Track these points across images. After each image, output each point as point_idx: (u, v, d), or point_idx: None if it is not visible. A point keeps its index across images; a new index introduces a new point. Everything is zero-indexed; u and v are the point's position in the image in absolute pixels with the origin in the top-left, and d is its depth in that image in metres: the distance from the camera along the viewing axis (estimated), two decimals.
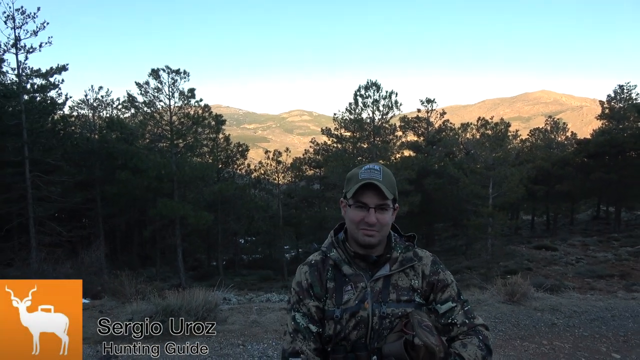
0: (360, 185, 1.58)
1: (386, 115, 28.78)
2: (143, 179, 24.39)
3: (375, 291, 1.60)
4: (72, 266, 16.49)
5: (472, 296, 8.25)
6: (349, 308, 1.58)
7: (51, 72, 22.29)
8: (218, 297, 7.31)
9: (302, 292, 1.64)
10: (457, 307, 1.65)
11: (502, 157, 26.54)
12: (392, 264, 1.65)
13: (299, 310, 1.63)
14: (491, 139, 26.96)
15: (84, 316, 6.75)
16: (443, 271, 1.71)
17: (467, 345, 1.56)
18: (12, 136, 20.72)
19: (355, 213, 1.60)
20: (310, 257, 1.73)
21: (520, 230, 40.46)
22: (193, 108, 27.63)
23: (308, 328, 1.60)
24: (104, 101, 32.68)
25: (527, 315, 7.06)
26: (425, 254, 1.74)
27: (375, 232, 1.59)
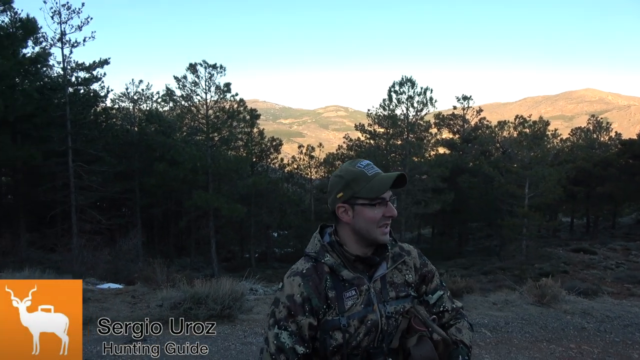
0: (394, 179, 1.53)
1: (420, 111, 28.49)
2: (179, 170, 25.00)
3: (377, 291, 1.54)
4: (110, 253, 17.09)
5: (499, 297, 8.13)
6: (355, 314, 1.48)
7: (94, 65, 23.08)
8: (245, 287, 7.47)
9: (295, 307, 1.46)
10: (444, 294, 1.67)
11: (539, 156, 25.85)
12: (387, 262, 1.60)
13: (286, 328, 1.45)
14: (529, 138, 26.29)
15: (117, 301, 7.03)
16: (428, 262, 1.71)
17: (462, 330, 1.63)
18: (57, 127, 21.61)
19: (375, 211, 1.51)
20: (297, 266, 1.56)
21: (558, 232, 39.31)
22: (229, 102, 28.07)
23: (293, 349, 1.44)
24: (144, 94, 33.59)
25: (556, 317, 6.90)
26: (410, 247, 1.70)
27: (389, 227, 1.56)
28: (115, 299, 7.23)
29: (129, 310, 6.56)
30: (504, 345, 5.83)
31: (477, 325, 6.43)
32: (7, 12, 19.72)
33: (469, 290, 8.07)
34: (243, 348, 5.32)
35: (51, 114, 21.34)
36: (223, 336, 5.67)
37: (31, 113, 20.57)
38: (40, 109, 20.94)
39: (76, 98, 22.67)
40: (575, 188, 32.10)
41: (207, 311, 6.03)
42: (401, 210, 26.65)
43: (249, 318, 6.33)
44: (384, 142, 30.33)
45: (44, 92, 21.38)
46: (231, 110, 27.82)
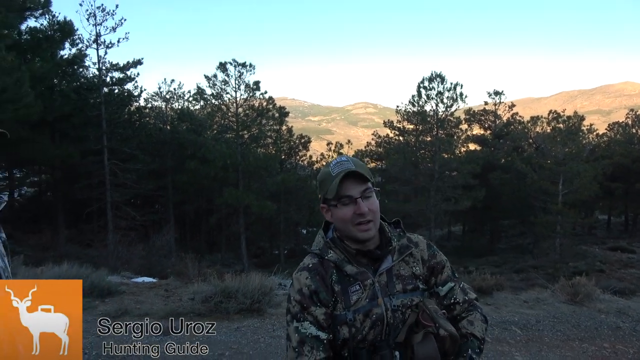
0: (340, 177, 1.48)
1: (450, 107, 28.07)
2: (210, 168, 25.42)
3: (382, 285, 1.53)
4: (144, 248, 17.57)
5: (531, 295, 8.00)
6: (360, 308, 1.49)
7: (128, 66, 23.67)
8: (274, 282, 7.57)
9: (305, 300, 1.50)
10: (456, 286, 1.64)
11: (574, 152, 25.17)
12: (392, 255, 1.58)
13: (304, 319, 1.49)
14: (563, 133, 25.60)
15: (151, 294, 7.24)
16: (438, 252, 1.67)
17: (474, 322, 1.59)
18: (93, 126, 22.29)
19: (344, 210, 1.50)
20: (304, 263, 1.59)
21: (594, 230, 38.17)
22: (258, 100, 28.36)
23: (317, 337, 1.46)
24: (176, 93, 34.19)
25: (589, 316, 6.74)
26: (419, 238, 1.68)
27: (371, 224, 1.51)
28: (150, 292, 7.45)
29: (162, 303, 6.76)
30: (534, 343, 5.74)
31: (507, 323, 6.35)
32: (46, 15, 20.44)
33: (499, 288, 7.97)
34: (272, 341, 5.42)
35: (87, 113, 22.02)
36: (252, 329, 5.78)
37: (69, 113, 21.29)
38: (77, 109, 21.64)
39: (111, 98, 23.32)
40: (613, 184, 31.09)
41: (237, 305, 6.16)
42: (430, 207, 26.39)
43: (278, 312, 6.42)
44: (414, 139, 30.05)
45: (81, 93, 22.07)
46: (260, 108, 28.09)
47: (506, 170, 30.88)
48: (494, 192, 30.89)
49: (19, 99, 14.85)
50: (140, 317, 6.07)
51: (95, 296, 6.95)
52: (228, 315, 6.13)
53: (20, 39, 19.58)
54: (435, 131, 28.55)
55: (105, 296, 6.99)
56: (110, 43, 22.43)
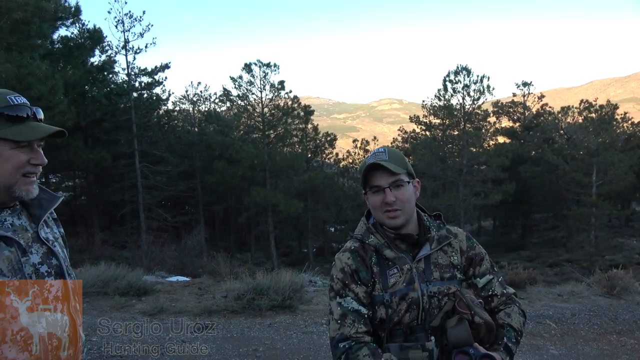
0: (366, 169, 1.60)
1: (477, 100, 27.64)
2: (238, 168, 25.73)
3: (420, 271, 1.60)
4: (176, 249, 17.91)
5: (565, 288, 7.85)
6: (397, 291, 1.56)
7: (156, 70, 24.13)
8: (304, 279, 7.66)
9: (347, 277, 1.59)
10: (494, 279, 1.68)
11: (608, 142, 24.45)
12: (431, 243, 1.64)
13: (345, 295, 1.58)
14: (595, 123, 24.91)
15: (185, 292, 7.41)
16: (477, 245, 1.72)
17: (511, 315, 1.63)
18: (123, 130, 22.84)
19: (374, 198, 1.61)
20: (346, 245, 1.69)
21: (631, 222, 36.97)
22: (283, 100, 28.55)
23: (358, 311, 1.55)
24: (203, 96, 34.77)
25: (627, 309, 6.59)
26: (458, 230, 1.74)
27: (398, 212, 1.58)
28: (184, 291, 7.63)
29: (196, 301, 6.91)
30: (570, 336, 5.66)
31: (542, 316, 6.27)
32: (76, 24, 21.06)
33: (532, 282, 7.84)
34: (304, 337, 5.49)
35: (118, 118, 22.58)
36: (285, 325, 5.87)
37: (100, 118, 21.87)
38: (108, 114, 22.21)
39: (140, 102, 23.83)
40: None
41: (269, 302, 6.26)
42: (459, 202, 26.04)
43: (309, 309, 6.50)
44: (440, 133, 29.72)
45: (111, 98, 22.64)
46: (286, 108, 28.26)
47: (537, 163, 30.25)
48: (525, 185, 30.28)
49: (54, 106, 15.33)
50: (176, 314, 6.24)
51: (132, 295, 7.15)
52: (260, 312, 6.23)
53: (53, 48, 20.21)
54: (463, 125, 28.16)
55: (141, 295, 7.19)
56: (139, 49, 22.96)
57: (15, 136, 1.31)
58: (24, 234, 1.37)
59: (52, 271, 1.40)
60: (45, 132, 1.37)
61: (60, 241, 1.54)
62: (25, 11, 12.37)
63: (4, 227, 1.34)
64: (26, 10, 12.38)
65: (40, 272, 1.36)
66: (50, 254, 1.42)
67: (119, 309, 6.53)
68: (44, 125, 1.40)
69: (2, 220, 1.35)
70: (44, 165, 1.41)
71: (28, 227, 1.41)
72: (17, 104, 1.34)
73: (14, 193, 1.34)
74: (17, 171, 1.33)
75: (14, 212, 1.39)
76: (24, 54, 13.92)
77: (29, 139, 1.34)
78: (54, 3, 15.99)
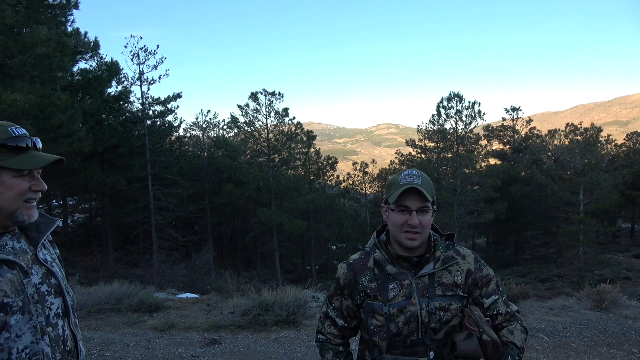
0: (403, 190, 1.58)
1: (470, 125, 27.77)
2: (245, 190, 25.77)
3: (421, 287, 1.61)
4: (186, 267, 17.82)
5: (557, 303, 7.76)
6: (396, 304, 1.59)
7: (169, 100, 24.36)
8: (308, 295, 7.58)
9: (338, 288, 1.76)
10: (499, 299, 1.68)
11: (593, 163, 24.43)
12: (435, 263, 1.65)
13: (332, 303, 1.79)
14: (581, 145, 24.96)
15: (194, 309, 7.33)
16: (485, 267, 1.72)
17: (514, 332, 1.63)
18: (138, 156, 22.98)
19: (399, 217, 1.60)
20: (352, 257, 1.78)
21: (618, 238, 36.72)
22: (287, 126, 28.72)
23: (335, 321, 1.78)
24: (212, 123, 35.04)
25: (616, 322, 6.50)
26: (467, 252, 1.74)
27: (417, 235, 1.59)
28: (193, 307, 7.56)
29: (205, 317, 6.85)
30: (562, 350, 5.57)
31: (534, 330, 6.19)
32: (95, 57, 21.36)
33: (525, 296, 7.77)
34: (308, 351, 5.42)
35: (133, 144, 22.76)
36: (289, 340, 5.80)
37: (116, 144, 22.04)
38: (123, 141, 22.39)
39: (154, 129, 24.01)
40: (635, 193, 30.00)
41: (274, 317, 6.20)
42: (454, 220, 25.94)
43: (313, 324, 6.42)
44: (435, 156, 29.79)
45: (127, 126, 22.84)
46: (290, 133, 28.44)
47: (527, 183, 30.24)
48: (516, 204, 30.19)
49: (73, 134, 15.48)
50: (186, 330, 6.18)
51: (144, 312, 7.09)
52: (266, 327, 6.17)
53: (73, 80, 20.47)
54: (456, 148, 28.25)
55: (153, 311, 7.13)
56: (153, 80, 23.21)
57: (17, 165, 1.34)
58: (24, 257, 1.40)
59: (52, 290, 1.42)
60: (46, 161, 1.40)
61: (58, 262, 1.56)
62: (48, 47, 12.56)
63: (5, 251, 1.36)
64: (49, 45, 12.56)
65: (41, 292, 1.38)
66: (50, 274, 1.44)
67: (132, 325, 6.47)
68: (44, 154, 1.43)
69: (3, 244, 1.37)
70: (44, 191, 1.43)
71: (28, 249, 1.43)
72: (18, 136, 1.36)
73: (16, 218, 1.37)
74: (20, 198, 1.35)
75: (14, 236, 1.42)
76: (46, 85, 14.10)
77: (31, 167, 1.36)
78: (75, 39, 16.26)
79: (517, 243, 35.17)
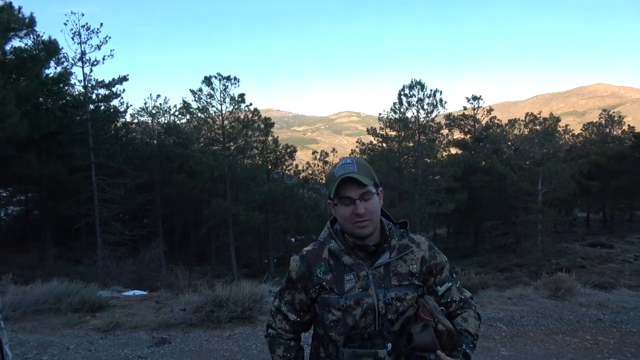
0: (338, 182, 1.60)
1: (431, 113, 28.38)
2: (198, 180, 25.33)
3: (377, 278, 1.62)
4: (134, 263, 17.37)
5: (515, 292, 8.08)
6: (352, 296, 1.60)
7: (113, 82, 23.50)
8: (264, 290, 7.55)
9: (291, 282, 1.73)
10: (453, 285, 1.72)
11: (551, 152, 25.63)
12: (391, 252, 1.67)
13: (283, 297, 1.76)
14: (540, 135, 26.07)
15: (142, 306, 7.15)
16: (439, 254, 1.75)
17: (468, 319, 1.68)
18: (79, 143, 22.06)
19: (344, 209, 1.62)
20: (305, 248, 1.77)
21: (574, 227, 38.68)
22: (243, 112, 28.40)
23: (286, 316, 1.75)
24: (162, 108, 34.03)
25: (571, 310, 6.84)
26: (421, 239, 1.76)
27: (367, 222, 1.61)
28: (141, 305, 7.39)
29: (154, 314, 6.70)
30: (519, 338, 5.81)
31: (493, 319, 6.42)
32: (30, 35, 20.24)
33: (484, 286, 8.05)
34: (264, 348, 5.40)
35: (74, 131, 21.80)
36: (244, 337, 5.76)
37: (55, 131, 21.05)
38: (63, 127, 21.41)
39: (97, 115, 23.10)
40: (590, 183, 31.64)
41: (228, 313, 6.14)
42: (415, 210, 26.54)
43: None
44: (396, 145, 30.28)
45: (67, 110, 21.86)
46: (246, 120, 28.12)
47: (487, 173, 31.26)
48: (476, 194, 31.19)
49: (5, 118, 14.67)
50: (132, 329, 6.02)
51: (86, 311, 6.86)
52: (219, 324, 6.10)
53: (5, 59, 19.35)
54: (417, 137, 28.81)
55: (96, 311, 6.91)
56: (96, 61, 22.25)
57: None
58: None
59: None
60: None
61: None
62: None
63: None
64: None
65: None
66: None
67: (72, 325, 6.23)
68: None
69: None
70: None
71: None
72: None
73: None
74: None
75: None
76: None
77: None
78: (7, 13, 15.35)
79: (476, 233, 36.40)
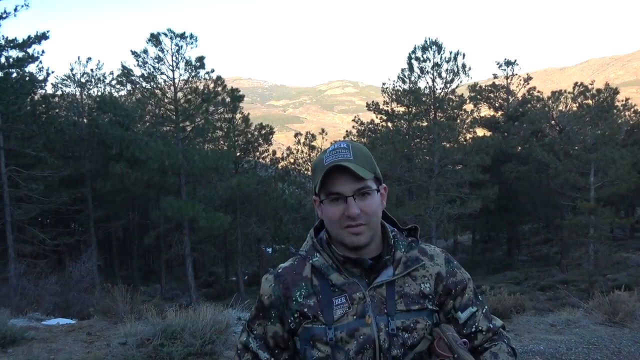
0: (326, 171, 1.53)
1: (450, 83, 28.42)
2: (143, 172, 25.17)
3: (377, 301, 1.57)
4: (58, 282, 17.25)
5: (559, 316, 8.17)
6: (344, 325, 1.54)
7: (29, 41, 23.23)
8: (231, 316, 7.57)
9: (263, 309, 1.67)
10: (478, 311, 1.68)
11: (607, 134, 25.80)
12: (395, 267, 1.62)
13: (252, 330, 1.69)
14: (593, 111, 26.25)
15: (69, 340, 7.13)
16: (459, 270, 1.71)
17: (499, 355, 1.63)
18: None
19: (332, 209, 1.56)
20: (281, 265, 1.72)
21: (637, 232, 39.19)
22: (203, 81, 28.28)
23: (256, 354, 1.66)
24: (94, 76, 33.72)
25: (632, 339, 6.95)
26: (436, 250, 1.72)
27: (363, 227, 1.55)
28: (67, 338, 7.35)
29: (85, 351, 6.68)
30: None
31: (530, 352, 6.49)
32: None
33: (520, 310, 8.13)
34: None
35: None
36: None
37: None
38: None
39: (7, 84, 22.80)
40: None
41: (183, 348, 6.14)
42: (430, 211, 26.65)
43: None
44: (406, 125, 30.33)
45: None
46: (206, 92, 28.01)
47: (524, 161, 31.49)
48: (510, 189, 31.46)
49: None
50: None
51: None
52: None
53: None
54: (433, 114, 28.88)
55: (7, 345, 6.86)
56: (5, 12, 21.93)
57: None
58: None
59: None
60: None
61: None
62: None
63: None
64: None
65: None
66: None
67: None
68: None
69: None
70: None
71: None
72: None
73: None
74: None
75: None
76: None
77: None
78: None
79: (510, 240, 36.72)
